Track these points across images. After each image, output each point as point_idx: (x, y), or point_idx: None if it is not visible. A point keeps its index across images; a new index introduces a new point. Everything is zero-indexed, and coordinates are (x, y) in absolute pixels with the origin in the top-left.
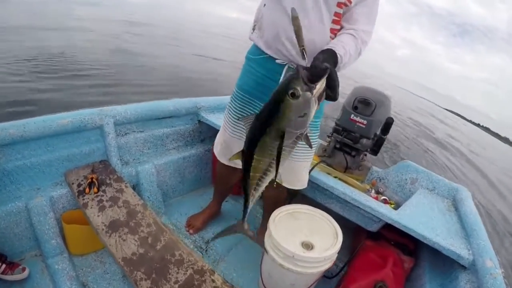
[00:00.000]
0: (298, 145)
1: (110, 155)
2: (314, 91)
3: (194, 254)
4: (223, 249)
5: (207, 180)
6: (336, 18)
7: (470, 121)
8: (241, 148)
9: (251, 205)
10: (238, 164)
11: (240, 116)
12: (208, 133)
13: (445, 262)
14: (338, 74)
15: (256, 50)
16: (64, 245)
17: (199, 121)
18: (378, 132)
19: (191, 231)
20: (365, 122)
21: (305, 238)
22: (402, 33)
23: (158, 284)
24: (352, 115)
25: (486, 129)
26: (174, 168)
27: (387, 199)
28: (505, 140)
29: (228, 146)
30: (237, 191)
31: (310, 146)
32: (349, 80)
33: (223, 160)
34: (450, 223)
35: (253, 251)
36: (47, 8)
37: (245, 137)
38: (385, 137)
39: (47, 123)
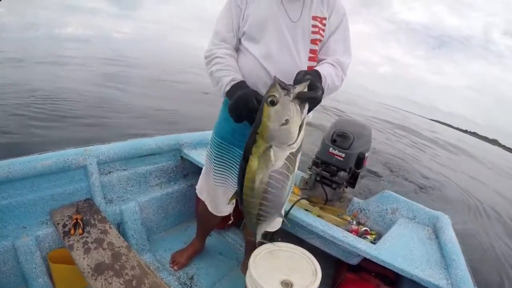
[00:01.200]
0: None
1: (94, 194)
2: (293, 94)
3: None
4: (207, 284)
5: (190, 214)
6: (312, 55)
7: (458, 128)
8: (226, 195)
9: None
10: (226, 212)
11: (219, 163)
12: (191, 168)
13: None
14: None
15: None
16: (51, 283)
17: (181, 157)
18: (352, 167)
19: (175, 267)
20: (343, 155)
21: (284, 276)
22: (382, 51)
23: None
24: (331, 148)
25: (474, 134)
26: (158, 205)
27: (368, 230)
28: (493, 142)
29: (213, 196)
30: (220, 225)
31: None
32: (336, 105)
33: (211, 210)
34: (430, 253)
35: (237, 285)
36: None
37: (227, 183)
38: (359, 171)
39: (31, 164)
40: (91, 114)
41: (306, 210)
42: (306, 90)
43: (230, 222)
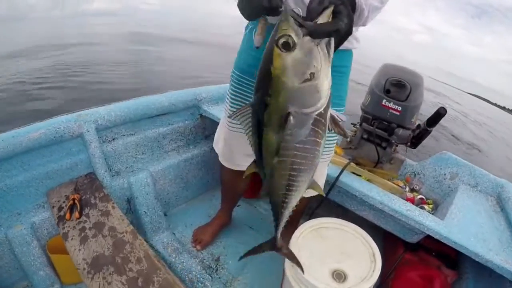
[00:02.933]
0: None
1: (96, 167)
2: (314, 30)
3: None
4: (236, 266)
5: (215, 181)
6: None
7: (495, 104)
8: (245, 145)
9: (283, 223)
10: (244, 166)
11: (236, 103)
12: (213, 127)
13: (491, 274)
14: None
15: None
16: (54, 274)
17: (201, 115)
18: (421, 123)
19: (198, 247)
20: (399, 108)
21: (336, 264)
22: (419, 19)
23: None
24: (384, 101)
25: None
26: (175, 174)
27: (424, 198)
28: None
29: (229, 144)
30: (250, 194)
31: (345, 135)
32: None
33: (225, 163)
34: (499, 230)
35: (272, 266)
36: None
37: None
38: (431, 129)
39: (16, 139)
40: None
41: (354, 173)
42: (330, 17)
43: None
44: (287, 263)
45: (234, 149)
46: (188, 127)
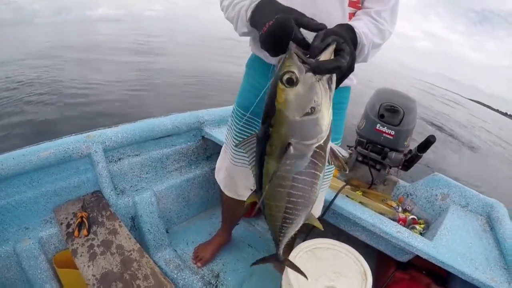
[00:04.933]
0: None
1: (103, 186)
2: (316, 67)
3: None
4: (235, 282)
5: (215, 201)
6: (353, 0)
7: (497, 111)
8: (248, 178)
9: (283, 245)
10: (245, 196)
11: (241, 139)
12: (214, 149)
13: None
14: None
15: (259, 59)
16: None
17: (202, 137)
18: (412, 148)
19: (199, 264)
20: (393, 133)
21: (329, 282)
22: (421, 25)
23: None
24: (378, 125)
25: None
26: (177, 193)
27: (416, 218)
28: None
29: (231, 177)
30: (249, 213)
31: (345, 169)
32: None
33: (227, 192)
34: (487, 249)
35: (269, 284)
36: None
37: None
38: (421, 154)
39: (27, 157)
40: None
41: (348, 196)
42: (332, 53)
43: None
44: (284, 281)
45: (237, 181)
46: (191, 148)
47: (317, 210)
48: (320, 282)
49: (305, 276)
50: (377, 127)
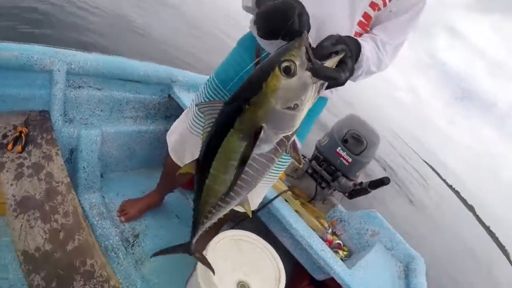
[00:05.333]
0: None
1: (53, 108)
2: (316, 69)
3: (108, 268)
4: (152, 247)
5: (159, 161)
6: (364, 21)
7: (444, 180)
8: (198, 149)
9: (200, 232)
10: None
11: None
12: (176, 111)
13: None
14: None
15: (253, 39)
16: None
17: (169, 95)
18: (363, 181)
19: (122, 218)
20: (350, 160)
21: (243, 277)
22: (409, 79)
23: None
24: (339, 148)
25: (456, 193)
26: (125, 141)
27: (341, 244)
28: (470, 208)
29: (183, 142)
30: (187, 185)
31: (300, 162)
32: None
33: (173, 157)
34: None
35: (186, 258)
36: None
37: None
38: (370, 190)
39: None
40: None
41: (287, 201)
42: (334, 65)
43: None
44: (200, 268)
45: (186, 149)
46: (153, 102)
47: (254, 203)
48: (236, 273)
49: (213, 272)
50: (337, 150)
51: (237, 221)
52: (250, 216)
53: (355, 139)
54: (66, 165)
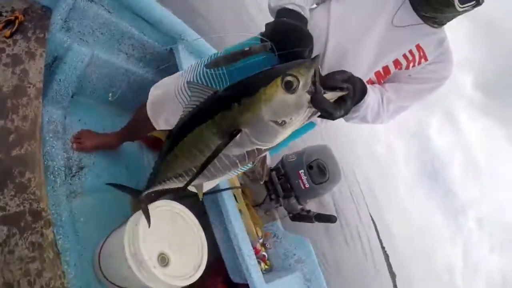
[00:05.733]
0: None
1: (57, 9)
2: (315, 97)
3: (43, 190)
4: (90, 185)
5: (132, 107)
6: (381, 73)
7: (380, 241)
8: (174, 115)
9: (155, 189)
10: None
11: (202, 80)
12: (170, 67)
13: None
14: None
15: None
16: None
17: (171, 49)
18: (312, 210)
19: (75, 145)
20: (307, 186)
21: (167, 249)
22: (391, 136)
23: None
24: (302, 171)
25: (386, 256)
26: (109, 73)
27: (266, 257)
28: (392, 275)
29: (163, 102)
30: (150, 143)
31: (261, 179)
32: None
33: (149, 111)
34: None
35: (118, 210)
36: None
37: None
38: (314, 222)
39: None
40: None
41: (234, 197)
42: (332, 98)
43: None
44: (130, 223)
45: (164, 109)
46: (154, 49)
47: (205, 186)
48: (160, 244)
49: (149, 224)
50: (300, 171)
51: (183, 195)
52: (200, 200)
53: (319, 169)
54: (45, 70)
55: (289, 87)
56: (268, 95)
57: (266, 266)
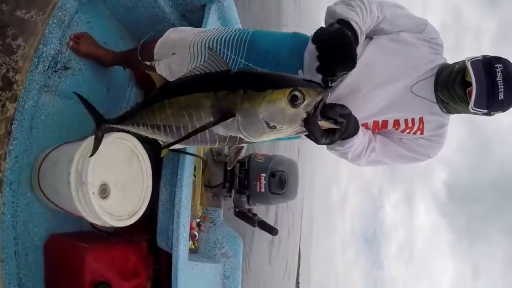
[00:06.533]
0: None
1: None
2: (311, 119)
3: (27, 64)
4: (66, 90)
5: (139, 37)
6: (379, 124)
7: (298, 273)
8: (180, 65)
9: (122, 127)
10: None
11: (222, 47)
12: (195, 20)
13: None
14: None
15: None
16: None
17: (204, 5)
18: (257, 216)
19: (71, 43)
20: (263, 191)
21: (111, 183)
22: (348, 190)
23: None
24: (263, 175)
25: None
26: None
27: (196, 237)
28: None
29: (175, 45)
30: (139, 79)
31: (230, 166)
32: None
33: (157, 47)
34: None
35: (81, 128)
36: None
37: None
38: (255, 227)
39: None
40: None
41: (194, 167)
42: (324, 127)
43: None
44: (83, 145)
45: (171, 53)
46: None
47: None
48: (107, 175)
49: (93, 153)
50: (262, 174)
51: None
52: (161, 156)
53: (280, 181)
54: None
55: (293, 100)
56: (272, 98)
57: (192, 246)
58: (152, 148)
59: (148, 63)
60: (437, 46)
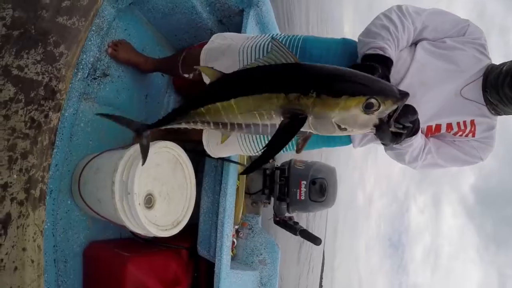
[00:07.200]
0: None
1: None
2: (383, 127)
3: (70, 72)
4: (106, 97)
5: (175, 43)
6: (432, 128)
7: (321, 277)
8: (228, 65)
9: (169, 126)
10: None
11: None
12: (233, 25)
13: None
14: None
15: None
16: None
17: (242, 10)
18: (299, 224)
19: (109, 50)
20: (303, 198)
21: (156, 192)
22: (378, 203)
23: None
24: (303, 183)
25: None
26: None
27: (234, 244)
28: None
29: (222, 51)
30: (177, 85)
31: (298, 151)
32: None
33: (203, 54)
34: None
35: (121, 136)
36: None
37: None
38: (296, 236)
39: None
40: None
41: (239, 173)
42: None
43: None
44: (127, 154)
45: (219, 61)
46: (227, 1)
47: (223, 150)
48: (152, 184)
49: (143, 162)
50: (302, 182)
51: (192, 149)
52: (211, 156)
53: (320, 188)
54: None
55: (368, 108)
56: (347, 106)
57: (232, 254)
58: (192, 156)
59: (186, 75)
60: (481, 47)
